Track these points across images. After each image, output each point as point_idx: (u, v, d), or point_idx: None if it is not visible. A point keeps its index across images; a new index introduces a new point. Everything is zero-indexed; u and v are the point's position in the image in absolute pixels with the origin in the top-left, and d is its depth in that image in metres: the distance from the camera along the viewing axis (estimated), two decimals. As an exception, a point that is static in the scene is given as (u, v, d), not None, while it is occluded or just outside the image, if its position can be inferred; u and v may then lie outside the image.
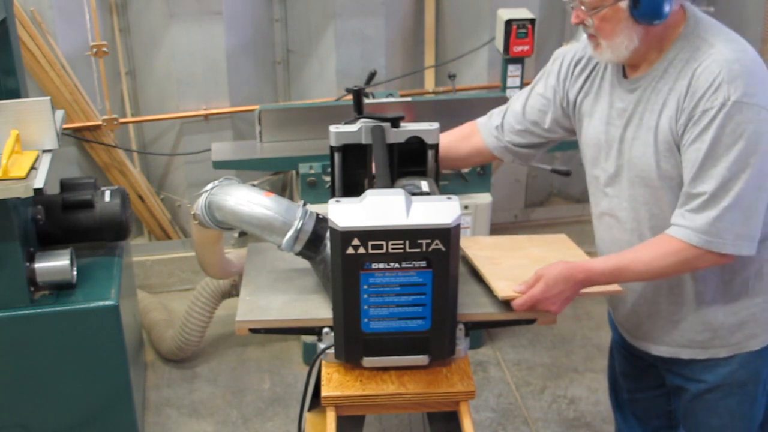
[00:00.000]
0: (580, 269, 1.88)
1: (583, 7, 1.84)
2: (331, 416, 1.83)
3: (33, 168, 2.27)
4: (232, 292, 3.36)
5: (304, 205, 2.03)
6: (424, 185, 1.98)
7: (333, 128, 2.09)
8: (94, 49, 3.58)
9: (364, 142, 2.06)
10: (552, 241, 2.21)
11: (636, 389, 2.35)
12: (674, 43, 1.85)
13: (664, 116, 1.84)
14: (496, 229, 3.77)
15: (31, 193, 2.20)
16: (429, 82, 4.03)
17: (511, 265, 2.04)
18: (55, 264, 2.52)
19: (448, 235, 1.71)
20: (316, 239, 1.98)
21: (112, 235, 2.73)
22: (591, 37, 1.88)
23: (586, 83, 2.04)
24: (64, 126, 3.22)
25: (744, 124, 1.74)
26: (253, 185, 2.14)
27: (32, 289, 2.50)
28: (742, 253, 1.81)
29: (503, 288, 1.91)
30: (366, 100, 2.34)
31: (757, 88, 1.75)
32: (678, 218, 1.83)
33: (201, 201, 2.10)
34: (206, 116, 3.85)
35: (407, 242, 1.71)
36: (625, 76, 1.95)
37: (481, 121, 2.27)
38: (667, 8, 1.78)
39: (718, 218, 1.77)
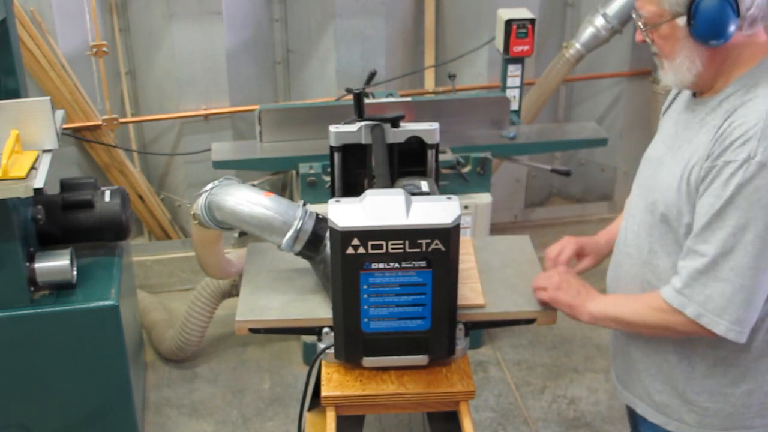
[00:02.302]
0: (587, 287, 1.90)
1: (641, 25, 1.71)
2: (331, 416, 1.83)
3: (33, 168, 2.27)
4: (232, 292, 3.36)
5: (304, 205, 2.03)
6: (424, 185, 1.98)
7: (333, 128, 2.09)
8: (94, 49, 3.58)
9: (364, 142, 2.06)
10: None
11: None
12: (742, 76, 1.67)
13: (696, 154, 1.68)
14: (496, 229, 3.77)
15: (31, 193, 2.20)
16: (429, 82, 4.03)
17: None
18: (55, 264, 2.52)
19: (448, 235, 1.71)
20: (315, 239, 1.98)
21: (112, 235, 2.73)
22: (656, 56, 1.75)
23: (675, 98, 1.91)
24: (64, 126, 3.22)
25: (763, 191, 1.57)
26: (253, 185, 2.14)
27: (32, 289, 2.50)
28: (732, 338, 1.66)
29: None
30: (366, 100, 2.33)
31: None
32: (676, 280, 1.70)
33: (201, 201, 2.10)
34: (206, 116, 3.85)
35: (407, 242, 1.71)
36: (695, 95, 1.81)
37: None
38: (730, 28, 1.60)
39: (720, 294, 1.64)
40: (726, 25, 1.59)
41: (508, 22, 3.32)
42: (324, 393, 1.85)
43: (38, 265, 2.50)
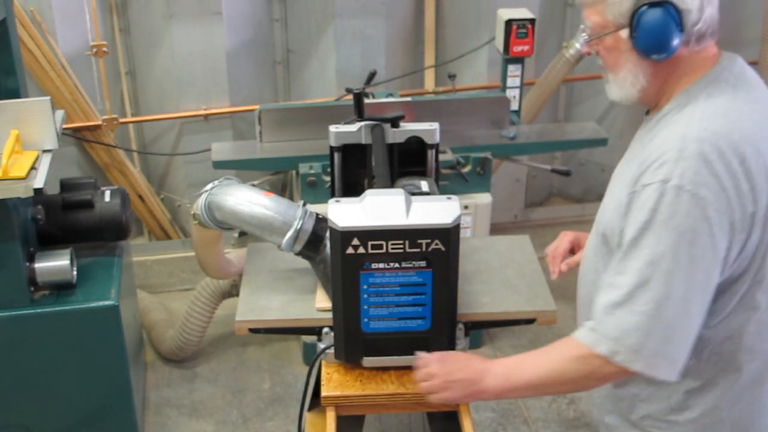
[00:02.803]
0: (480, 360, 1.72)
1: (584, 36, 1.64)
2: (331, 416, 1.83)
3: (33, 168, 2.27)
4: (232, 292, 3.36)
5: (304, 205, 2.03)
6: (424, 185, 1.98)
7: (333, 128, 2.09)
8: (94, 49, 3.58)
9: (364, 142, 2.06)
10: None
11: None
12: (680, 94, 1.58)
13: (627, 177, 1.58)
14: (496, 229, 3.77)
15: (31, 193, 2.20)
16: (429, 82, 4.03)
17: None
18: (55, 264, 2.52)
19: (447, 235, 1.71)
20: (315, 239, 1.98)
21: (112, 235, 2.73)
22: (603, 69, 1.67)
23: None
24: (64, 126, 3.22)
25: (679, 216, 1.45)
26: (253, 185, 2.14)
27: (32, 289, 2.50)
28: (656, 376, 1.51)
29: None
30: (366, 100, 2.33)
31: (706, 179, 1.44)
32: (595, 319, 1.56)
33: (201, 201, 2.10)
34: (206, 116, 3.85)
35: (407, 242, 1.71)
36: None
37: None
38: (673, 42, 1.51)
39: (636, 328, 1.49)
40: (668, 39, 1.51)
41: (508, 22, 3.32)
42: (324, 393, 1.84)
43: (38, 265, 2.50)
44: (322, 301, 1.97)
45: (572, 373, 1.58)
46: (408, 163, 2.11)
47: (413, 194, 1.82)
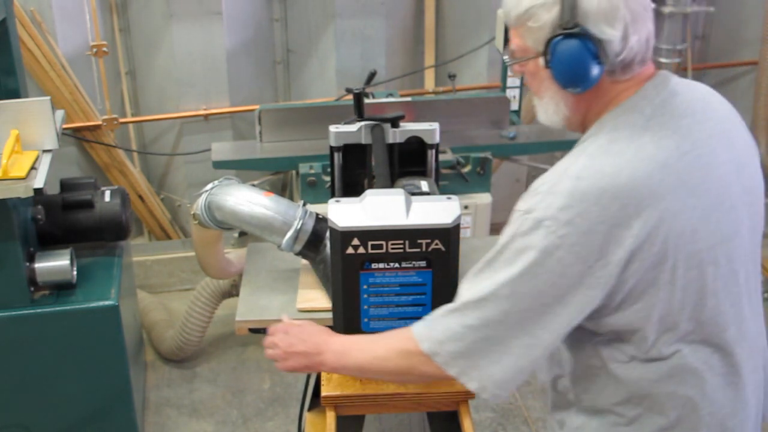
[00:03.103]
0: (320, 332, 1.75)
1: (506, 57, 1.55)
2: (331, 416, 1.83)
3: (33, 168, 2.27)
4: (232, 292, 3.36)
5: (304, 205, 2.03)
6: (424, 185, 1.98)
7: (333, 128, 2.09)
8: (94, 49, 3.58)
9: (364, 142, 2.06)
10: None
11: None
12: (596, 123, 1.47)
13: None
14: (496, 229, 3.76)
15: (31, 193, 2.20)
16: (429, 82, 4.03)
17: None
18: (55, 264, 2.52)
19: (447, 235, 1.71)
20: (315, 239, 1.98)
21: (112, 235, 2.73)
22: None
23: None
24: (64, 126, 3.22)
25: (531, 250, 1.38)
26: (253, 185, 2.14)
27: (32, 289, 2.50)
28: (469, 387, 1.48)
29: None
30: (366, 100, 2.33)
31: (569, 219, 1.35)
32: (431, 317, 1.54)
33: (201, 201, 2.10)
34: (206, 116, 3.85)
35: (407, 242, 1.71)
36: None
37: None
38: (592, 74, 1.39)
39: (459, 338, 1.46)
40: (585, 72, 1.39)
41: (508, 22, 3.32)
42: (324, 393, 1.84)
43: (38, 265, 2.50)
44: (303, 302, 1.97)
45: (393, 365, 1.59)
46: (408, 163, 2.11)
47: (413, 194, 1.82)
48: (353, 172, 2.13)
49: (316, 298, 1.98)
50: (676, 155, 1.40)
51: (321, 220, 2.00)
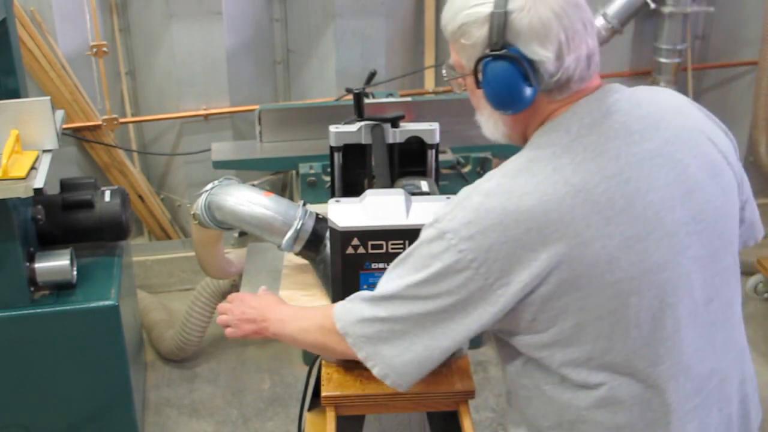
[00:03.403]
0: (270, 297, 1.85)
1: (443, 71, 1.50)
2: (331, 416, 1.83)
3: (33, 168, 2.27)
4: (232, 292, 3.35)
5: (304, 205, 2.03)
6: (424, 185, 1.98)
7: (333, 128, 2.09)
8: (94, 49, 3.58)
9: (364, 142, 2.06)
10: None
11: None
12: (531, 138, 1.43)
13: None
14: (496, 229, 3.77)
15: (31, 193, 2.20)
16: (429, 82, 4.03)
17: None
18: (55, 264, 2.52)
19: (448, 235, 1.71)
20: (315, 239, 1.98)
21: (112, 235, 2.73)
22: None
23: None
24: (64, 126, 3.22)
25: (434, 259, 1.38)
26: (253, 185, 2.14)
27: (32, 289, 2.50)
28: (374, 373, 1.52)
29: None
30: (366, 100, 2.33)
31: (471, 235, 1.34)
32: (352, 299, 1.58)
33: (201, 201, 2.10)
34: (206, 116, 3.85)
35: (407, 242, 1.71)
36: None
37: None
38: (523, 96, 1.34)
39: (368, 324, 1.50)
40: (514, 95, 1.35)
41: (508, 22, 3.32)
42: (324, 393, 1.84)
43: (38, 265, 2.50)
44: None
45: (313, 339, 1.66)
46: (408, 163, 2.11)
47: (413, 194, 1.82)
48: (353, 172, 2.13)
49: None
50: (596, 179, 1.33)
51: (321, 220, 2.00)
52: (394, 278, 1.48)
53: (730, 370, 1.50)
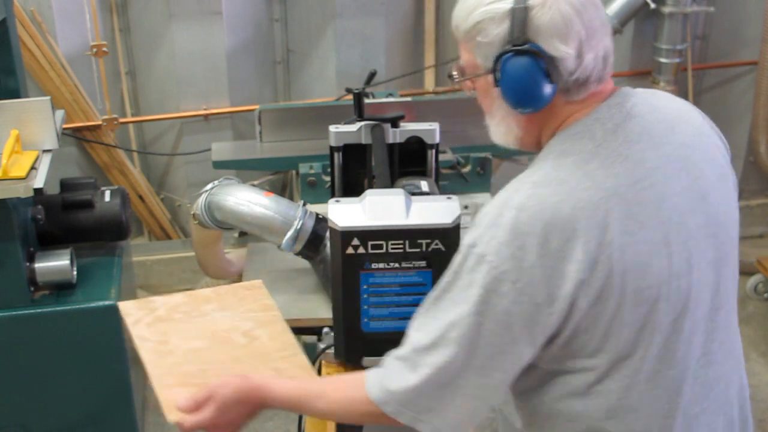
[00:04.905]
0: (257, 392, 1.51)
1: (454, 73, 1.47)
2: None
3: (33, 168, 2.27)
4: (232, 292, 3.35)
5: (304, 205, 2.03)
6: (424, 185, 1.98)
7: (333, 128, 2.09)
8: (94, 49, 3.58)
9: (364, 142, 2.07)
10: (243, 296, 1.84)
11: None
12: (547, 144, 1.42)
13: None
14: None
15: (31, 193, 2.20)
16: (429, 82, 4.03)
17: (184, 350, 1.67)
18: (55, 264, 2.52)
19: (448, 235, 1.71)
20: (315, 239, 1.98)
21: (112, 235, 2.73)
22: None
23: None
24: (64, 126, 3.22)
25: (476, 287, 1.31)
26: (253, 185, 2.14)
27: (32, 289, 2.50)
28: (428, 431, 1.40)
29: (169, 406, 1.53)
30: (366, 100, 2.34)
31: (512, 253, 1.29)
32: (384, 365, 1.46)
33: (201, 201, 2.10)
34: (206, 116, 3.85)
35: (407, 242, 1.71)
36: None
37: None
38: (544, 94, 1.32)
39: (411, 389, 1.38)
40: (535, 92, 1.32)
41: (508, 22, 3.32)
42: (324, 393, 1.84)
43: (38, 265, 2.50)
44: (172, 411, 1.55)
45: (357, 416, 1.50)
46: (408, 163, 2.11)
47: (413, 194, 1.82)
48: (353, 172, 2.13)
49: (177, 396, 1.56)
50: (627, 184, 1.32)
51: (321, 220, 2.00)
52: (429, 321, 1.38)
53: (731, 376, 1.50)
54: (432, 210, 1.72)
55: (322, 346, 1.93)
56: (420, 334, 1.39)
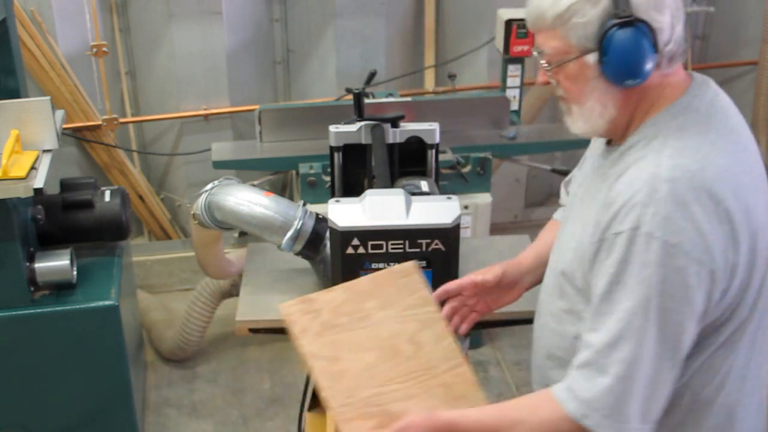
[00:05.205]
0: (446, 425, 1.46)
1: (544, 63, 1.46)
2: (331, 416, 1.83)
3: (33, 168, 2.27)
4: (232, 292, 3.36)
5: (304, 205, 2.03)
6: (424, 185, 1.98)
7: (333, 128, 2.09)
8: (94, 49, 3.58)
9: (364, 142, 2.07)
10: (401, 287, 1.65)
11: None
12: (646, 124, 1.43)
13: (592, 217, 1.44)
14: (496, 229, 3.77)
15: (31, 193, 2.20)
16: (429, 82, 4.03)
17: (357, 370, 1.58)
18: (55, 264, 2.52)
19: (447, 235, 1.71)
20: (315, 239, 1.98)
21: (112, 235, 2.73)
22: (562, 100, 1.50)
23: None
24: (64, 126, 3.22)
25: (651, 267, 1.31)
26: (253, 185, 2.14)
27: (32, 289, 2.50)
28: None
29: None
30: (366, 100, 2.34)
31: (680, 225, 1.30)
32: (569, 377, 1.42)
33: (201, 201, 2.10)
34: (206, 116, 3.85)
35: (407, 242, 1.71)
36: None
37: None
38: (647, 66, 1.36)
39: (607, 391, 1.35)
40: (643, 62, 1.36)
41: (508, 22, 3.32)
42: (324, 393, 1.84)
43: (38, 265, 2.50)
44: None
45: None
46: (408, 163, 2.11)
47: (413, 194, 1.82)
48: (353, 172, 2.13)
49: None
50: (737, 151, 1.41)
51: (321, 220, 2.00)
52: (606, 318, 1.36)
53: None
54: (432, 210, 1.73)
55: (322, 346, 1.92)
56: (597, 334, 1.38)
